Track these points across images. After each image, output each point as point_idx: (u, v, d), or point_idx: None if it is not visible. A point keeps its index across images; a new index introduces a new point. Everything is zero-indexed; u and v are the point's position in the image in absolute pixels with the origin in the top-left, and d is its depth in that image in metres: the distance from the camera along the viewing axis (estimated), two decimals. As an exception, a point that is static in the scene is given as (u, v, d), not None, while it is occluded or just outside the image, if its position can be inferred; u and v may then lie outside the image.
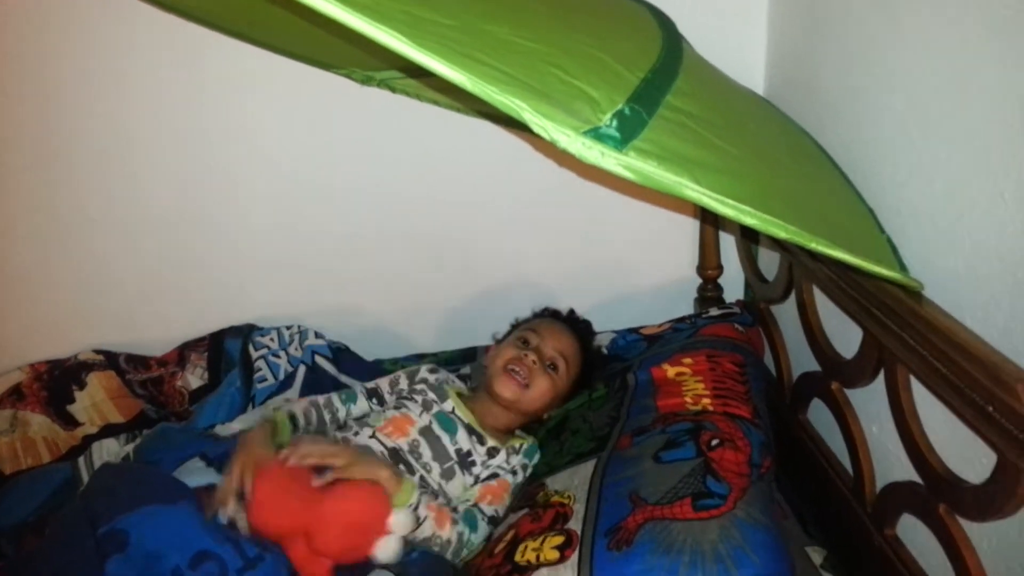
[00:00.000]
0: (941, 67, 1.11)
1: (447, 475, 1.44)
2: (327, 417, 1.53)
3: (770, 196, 0.96)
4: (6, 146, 1.77)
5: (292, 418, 1.45)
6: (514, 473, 1.47)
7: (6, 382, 1.77)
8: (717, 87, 1.42)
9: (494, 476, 1.45)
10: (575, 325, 1.66)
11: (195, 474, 1.35)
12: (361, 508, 1.25)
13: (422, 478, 1.42)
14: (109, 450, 1.65)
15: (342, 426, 1.53)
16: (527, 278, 1.94)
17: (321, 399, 1.55)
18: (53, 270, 1.88)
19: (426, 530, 1.30)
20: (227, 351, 1.87)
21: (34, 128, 1.75)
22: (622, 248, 1.99)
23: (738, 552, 1.06)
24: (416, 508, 1.29)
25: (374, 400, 1.59)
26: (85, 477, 1.56)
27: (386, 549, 1.24)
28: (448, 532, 1.32)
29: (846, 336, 1.35)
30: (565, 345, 1.57)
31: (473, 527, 1.36)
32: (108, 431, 1.73)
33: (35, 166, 1.79)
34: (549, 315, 1.69)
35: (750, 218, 0.86)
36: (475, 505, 1.40)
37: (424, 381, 1.60)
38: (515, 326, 1.68)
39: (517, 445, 1.51)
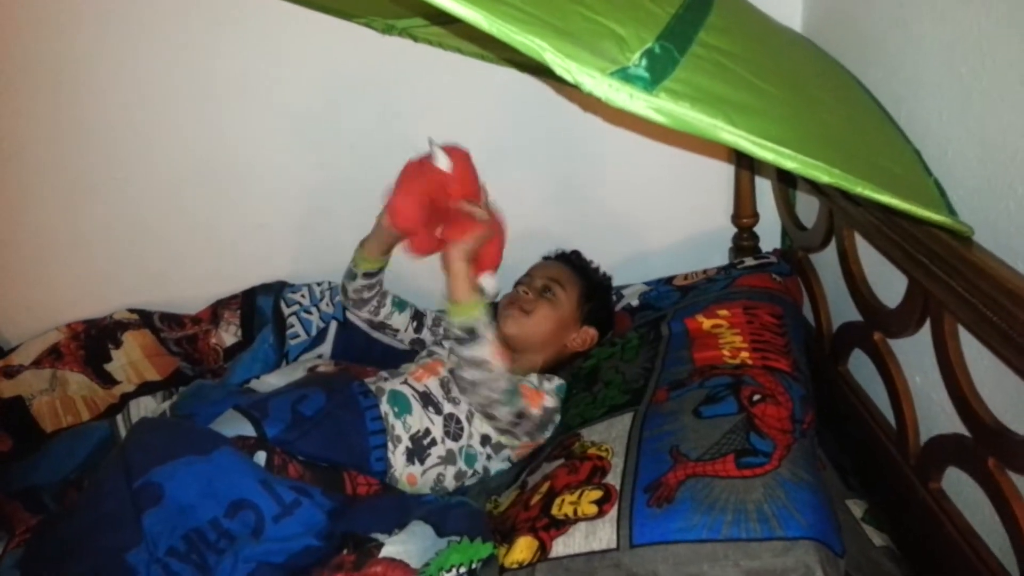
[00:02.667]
0: (996, -5, 1.04)
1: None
2: (376, 304, 1.67)
3: (811, 138, 0.91)
4: (35, 109, 1.77)
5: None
6: (548, 394, 1.49)
7: (45, 342, 1.80)
8: (753, 22, 1.35)
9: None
10: (562, 256, 1.73)
11: (230, 423, 1.37)
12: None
13: (451, 414, 1.46)
14: (146, 408, 1.67)
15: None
16: (552, 230, 1.89)
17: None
18: (85, 232, 1.90)
19: (479, 351, 1.35)
20: (259, 308, 1.88)
21: (62, 91, 1.75)
22: (652, 196, 1.93)
23: (783, 512, 1.03)
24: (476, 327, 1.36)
25: (415, 323, 1.72)
26: (123, 435, 1.58)
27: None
28: (501, 367, 1.37)
29: (889, 284, 1.31)
30: (554, 272, 1.65)
31: (512, 396, 1.40)
32: (145, 389, 1.76)
33: (64, 129, 1.78)
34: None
35: (791, 162, 0.81)
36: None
37: None
38: None
39: (550, 376, 1.56)
